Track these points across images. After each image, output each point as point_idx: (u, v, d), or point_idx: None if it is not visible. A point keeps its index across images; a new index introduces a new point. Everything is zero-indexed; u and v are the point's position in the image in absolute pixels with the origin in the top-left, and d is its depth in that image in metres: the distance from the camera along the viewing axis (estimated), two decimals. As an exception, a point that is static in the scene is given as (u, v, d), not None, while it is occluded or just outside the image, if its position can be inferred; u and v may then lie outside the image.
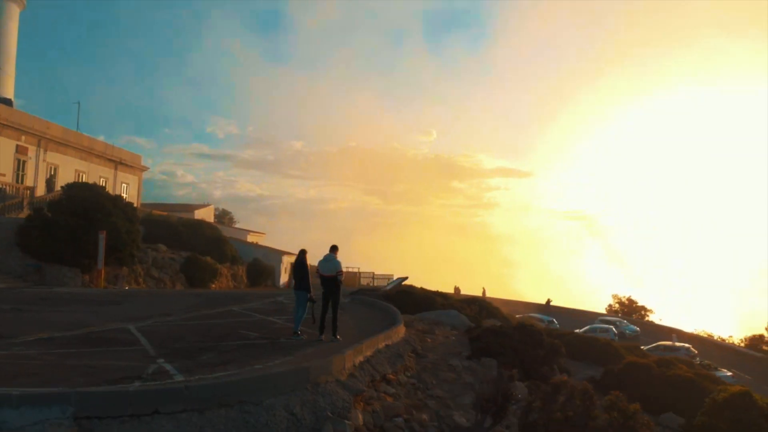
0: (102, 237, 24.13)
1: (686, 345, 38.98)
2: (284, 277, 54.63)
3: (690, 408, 14.28)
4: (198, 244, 37.85)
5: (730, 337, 53.85)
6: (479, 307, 30.22)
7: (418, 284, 37.14)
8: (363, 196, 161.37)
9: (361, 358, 10.27)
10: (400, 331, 13.69)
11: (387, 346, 12.05)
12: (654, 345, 38.03)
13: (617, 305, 64.15)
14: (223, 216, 74.50)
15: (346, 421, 7.70)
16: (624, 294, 66.01)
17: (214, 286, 35.70)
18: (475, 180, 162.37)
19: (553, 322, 47.60)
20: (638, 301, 65.38)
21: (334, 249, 12.54)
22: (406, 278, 32.32)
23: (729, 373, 30.17)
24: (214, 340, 12.02)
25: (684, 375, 16.12)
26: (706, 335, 52.88)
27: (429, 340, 15.02)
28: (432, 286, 36.65)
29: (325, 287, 12.45)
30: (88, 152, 38.69)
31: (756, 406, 9.58)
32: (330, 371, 8.60)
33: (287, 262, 56.24)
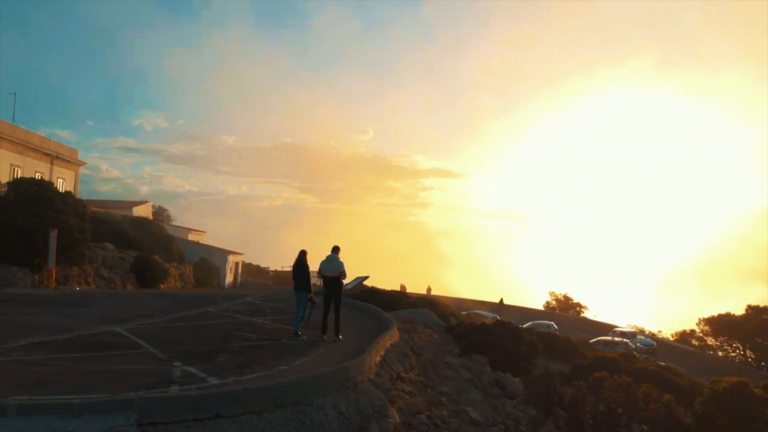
0: (53, 235, 22.83)
1: (625, 340, 41.27)
2: (229, 277, 53.52)
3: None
4: (145, 243, 36.45)
5: (660, 331, 57.37)
6: (429, 303, 30.82)
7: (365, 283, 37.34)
8: (298, 194, 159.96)
9: (378, 358, 10.42)
10: (396, 331, 13.91)
11: (392, 345, 12.24)
12: (595, 340, 40.04)
13: (554, 302, 66.86)
14: (160, 213, 71.78)
15: (389, 419, 7.86)
16: (560, 291, 68.80)
17: (163, 286, 34.46)
18: (410, 180, 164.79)
19: (496, 318, 49.18)
20: (573, 298, 68.48)
21: (335, 250, 12.60)
22: (367, 277, 32.41)
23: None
24: (215, 342, 11.80)
25: (649, 368, 17.32)
26: (638, 330, 56.12)
27: (416, 338, 15.31)
28: (376, 285, 37.02)
29: (327, 287, 12.48)
30: (24, 146, 36.35)
31: (754, 394, 10.48)
32: (363, 371, 8.73)
33: (232, 261, 55.10)
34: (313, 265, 12.86)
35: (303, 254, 12.79)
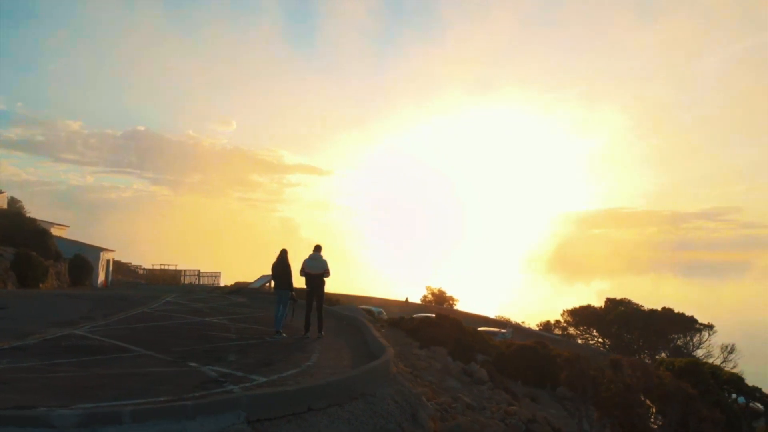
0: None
1: (503, 330, 44.96)
2: (101, 276, 49.40)
3: (577, 381, 17.42)
4: (20, 237, 32.65)
5: (523, 321, 62.99)
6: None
7: (236, 279, 36.85)
8: (150, 186, 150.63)
9: (382, 352, 10.93)
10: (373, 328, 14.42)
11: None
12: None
13: (431, 296, 70.44)
14: (12, 205, 63.80)
15: (428, 407, 8.52)
16: (436, 286, 72.61)
17: (42, 286, 31.19)
18: (276, 175, 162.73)
19: (381, 312, 50.86)
20: (447, 291, 72.72)
21: (318, 249, 12.80)
22: (274, 275, 32.04)
23: None
24: (201, 342, 11.48)
25: (564, 354, 19.50)
26: (505, 320, 61.10)
27: (377, 333, 15.88)
28: (243, 279, 36.54)
29: (310, 285, 12.65)
30: None
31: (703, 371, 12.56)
32: (392, 363, 9.25)
33: (104, 259, 50.88)
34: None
35: (284, 253, 12.84)
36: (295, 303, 12.93)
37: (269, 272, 30.88)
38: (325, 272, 12.66)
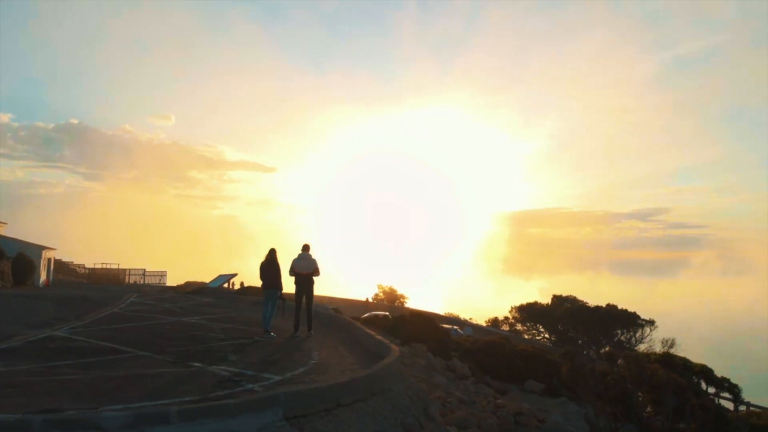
0: None
1: (455, 326, 45.97)
2: (43, 275, 47.08)
3: (543, 375, 18.20)
4: (-43, 235, 30.76)
5: (471, 318, 64.49)
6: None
7: (182, 279, 36.07)
8: (83, 182, 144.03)
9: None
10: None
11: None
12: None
13: (382, 294, 70.96)
14: (-62, 200, 59.84)
15: (448, 400, 8.83)
16: (387, 284, 73.15)
17: (-16, 286, 29.48)
18: (216, 171, 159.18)
19: (337, 309, 50.87)
20: (397, 289, 73.47)
21: (306, 248, 12.84)
22: (234, 275, 31.64)
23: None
24: (192, 342, 11.34)
25: (528, 349, 20.26)
26: (455, 317, 62.36)
27: (353, 331, 16.06)
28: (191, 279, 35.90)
29: (299, 285, 12.68)
30: None
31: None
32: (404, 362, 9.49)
33: (45, 257, 48.50)
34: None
35: (273, 253, 12.82)
36: (285, 303, 12.94)
37: (229, 272, 30.20)
38: (315, 271, 12.73)
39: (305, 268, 12.62)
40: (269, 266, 12.65)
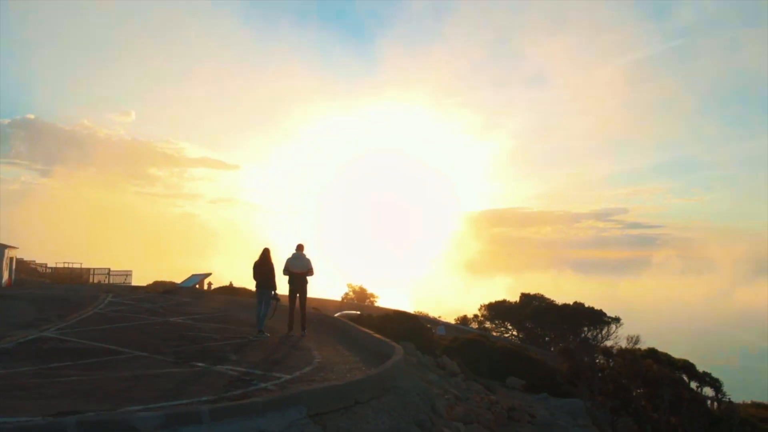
0: None
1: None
2: (5, 275, 45.46)
3: (523, 372, 18.63)
4: None
5: (440, 316, 65.09)
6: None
7: (147, 278, 35.34)
8: (40, 178, 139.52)
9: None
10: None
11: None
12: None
13: (352, 293, 70.94)
14: None
15: (446, 397, 9.01)
16: (357, 283, 73.16)
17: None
18: (176, 168, 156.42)
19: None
20: (367, 289, 73.56)
21: (300, 247, 12.86)
22: (208, 274, 31.23)
23: None
24: (186, 342, 11.24)
25: (508, 346, 20.67)
26: (424, 315, 62.84)
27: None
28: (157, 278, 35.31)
29: (294, 284, 12.70)
30: None
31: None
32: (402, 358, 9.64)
33: (8, 256, 46.82)
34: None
35: (267, 252, 12.79)
36: (278, 302, 12.92)
37: (202, 272, 29.77)
38: (309, 271, 12.78)
39: (300, 268, 12.65)
40: (263, 266, 12.63)
